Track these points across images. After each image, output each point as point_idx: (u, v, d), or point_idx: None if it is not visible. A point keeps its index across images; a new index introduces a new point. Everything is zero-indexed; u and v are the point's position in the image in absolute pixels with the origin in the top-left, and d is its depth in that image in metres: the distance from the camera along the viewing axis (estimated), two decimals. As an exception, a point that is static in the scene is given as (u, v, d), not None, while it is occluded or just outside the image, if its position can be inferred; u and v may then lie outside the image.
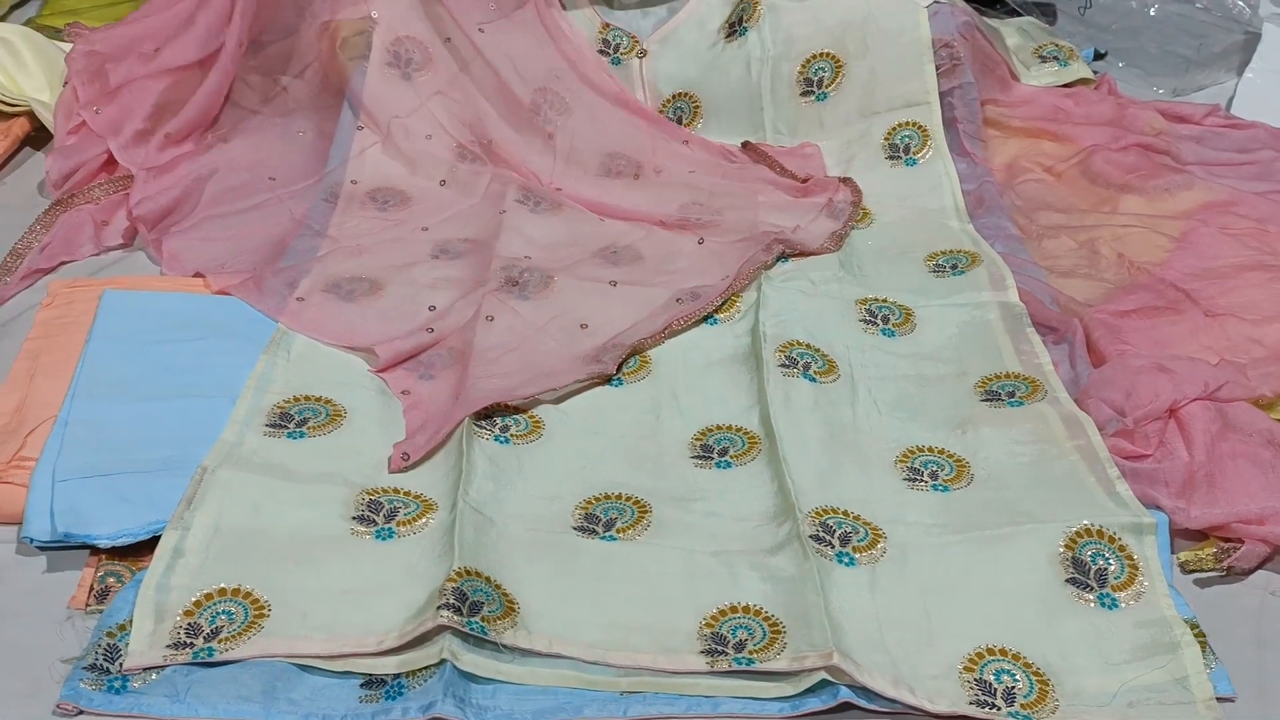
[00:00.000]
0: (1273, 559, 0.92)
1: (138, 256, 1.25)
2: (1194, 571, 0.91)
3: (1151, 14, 1.91)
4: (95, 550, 0.89)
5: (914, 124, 1.43)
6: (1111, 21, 1.89)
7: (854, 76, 1.44)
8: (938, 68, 1.44)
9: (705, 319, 1.18)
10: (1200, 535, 0.93)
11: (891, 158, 1.42)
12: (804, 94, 1.45)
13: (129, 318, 1.09)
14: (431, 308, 1.15)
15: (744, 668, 0.81)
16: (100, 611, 0.85)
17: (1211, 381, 1.02)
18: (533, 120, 1.37)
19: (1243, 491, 0.93)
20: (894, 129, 1.43)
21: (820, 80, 1.44)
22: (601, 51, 1.51)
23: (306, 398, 1.04)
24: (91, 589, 0.86)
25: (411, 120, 1.38)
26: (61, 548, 0.89)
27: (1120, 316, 1.15)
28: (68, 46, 1.51)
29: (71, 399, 0.99)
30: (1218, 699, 0.80)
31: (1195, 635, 0.84)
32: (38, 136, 1.41)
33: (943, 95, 1.44)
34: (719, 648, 0.83)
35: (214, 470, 0.93)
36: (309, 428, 1.01)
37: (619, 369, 1.10)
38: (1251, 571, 0.91)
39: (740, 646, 0.83)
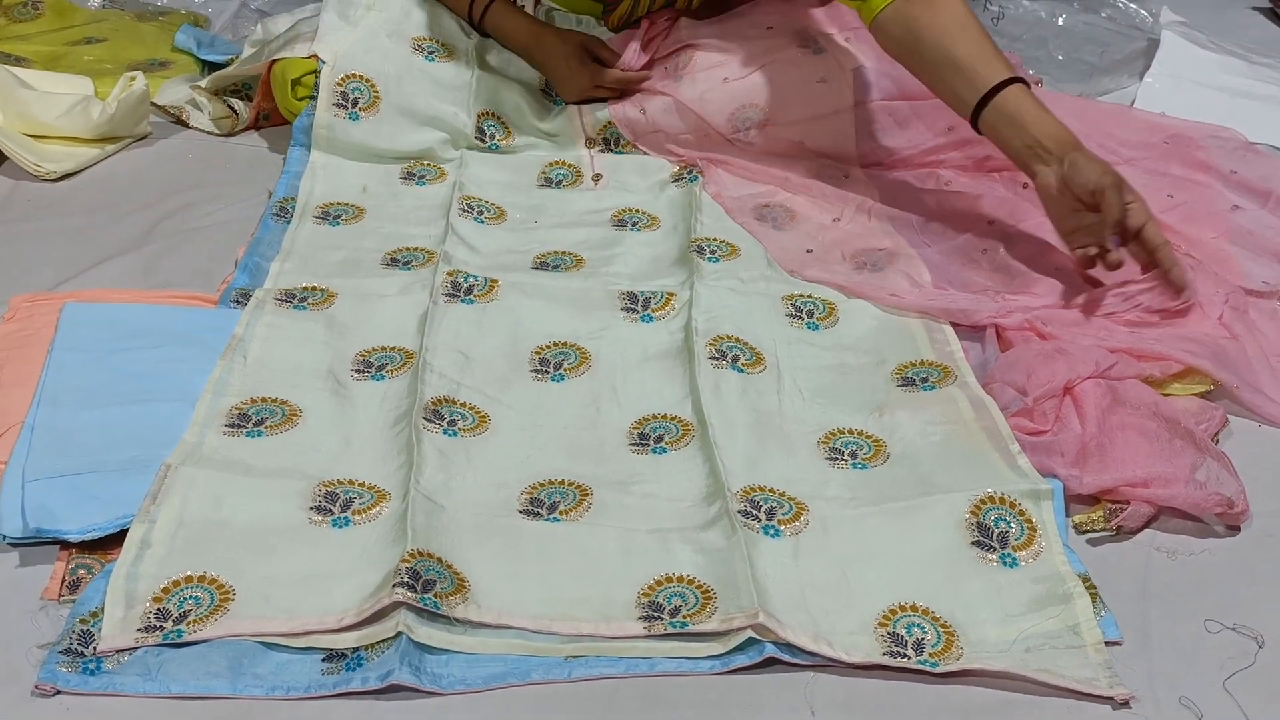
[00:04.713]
0: (1157, 519, 1.00)
1: (95, 273, 1.30)
2: (1087, 532, 0.99)
3: (1060, 24, 2.02)
4: (65, 545, 0.93)
5: None
6: (1022, 31, 2.00)
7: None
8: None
9: (641, 317, 1.25)
10: (1092, 500, 1.01)
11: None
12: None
13: (89, 329, 1.13)
14: None
15: (678, 630, 0.88)
16: (73, 601, 0.89)
17: (1103, 362, 1.11)
18: None
19: (1130, 459, 1.00)
20: None
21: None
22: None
23: (263, 399, 1.10)
24: (63, 580, 0.90)
25: None
26: (33, 543, 0.93)
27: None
28: (19, 71, 1.55)
29: (37, 406, 1.03)
30: (1106, 643, 0.87)
31: (1086, 587, 0.91)
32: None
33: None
34: (655, 614, 0.89)
35: (177, 467, 0.98)
36: (266, 427, 1.06)
37: (560, 366, 1.17)
38: (1138, 530, 0.99)
39: (675, 612, 0.89)
